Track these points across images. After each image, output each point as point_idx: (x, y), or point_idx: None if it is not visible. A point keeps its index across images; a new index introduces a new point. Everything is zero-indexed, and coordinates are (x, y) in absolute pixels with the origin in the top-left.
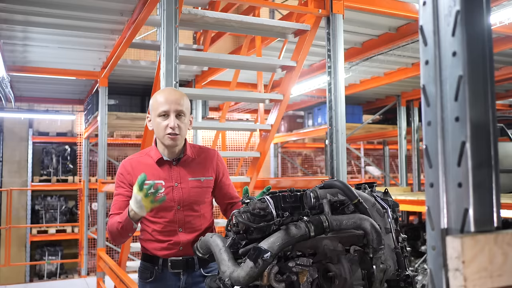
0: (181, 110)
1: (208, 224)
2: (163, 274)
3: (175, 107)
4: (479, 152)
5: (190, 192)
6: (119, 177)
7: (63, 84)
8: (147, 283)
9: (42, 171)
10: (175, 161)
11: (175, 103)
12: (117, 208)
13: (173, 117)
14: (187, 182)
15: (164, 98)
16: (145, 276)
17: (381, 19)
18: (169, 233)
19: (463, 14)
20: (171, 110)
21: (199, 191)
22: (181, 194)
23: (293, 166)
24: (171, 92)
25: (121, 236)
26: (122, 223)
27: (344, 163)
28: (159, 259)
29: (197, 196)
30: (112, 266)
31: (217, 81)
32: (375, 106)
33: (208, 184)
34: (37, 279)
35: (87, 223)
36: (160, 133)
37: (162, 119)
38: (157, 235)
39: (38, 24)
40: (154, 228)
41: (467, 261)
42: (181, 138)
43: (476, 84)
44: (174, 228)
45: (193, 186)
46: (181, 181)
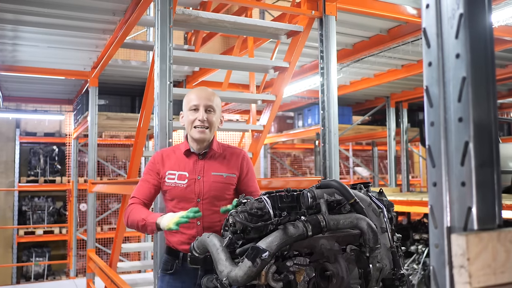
0: (211, 105)
1: None
2: (183, 268)
3: (205, 102)
4: (482, 151)
5: (211, 186)
6: (150, 165)
7: (52, 84)
8: (167, 274)
9: (30, 171)
10: (201, 155)
11: (205, 99)
12: (140, 193)
13: (202, 111)
14: (210, 176)
15: (195, 94)
16: (166, 268)
17: (372, 21)
18: (189, 225)
19: (467, 17)
20: (200, 105)
21: (220, 186)
22: (202, 187)
23: (282, 167)
24: (203, 89)
25: (136, 229)
26: (146, 222)
27: (336, 163)
28: (180, 253)
29: (217, 191)
30: (103, 267)
31: (208, 82)
32: (364, 107)
33: (230, 180)
34: (24, 280)
35: (75, 224)
36: (189, 126)
37: (192, 113)
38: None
39: (29, 23)
40: None
41: (472, 258)
42: (209, 133)
43: (479, 85)
44: (192, 220)
45: (215, 180)
46: (204, 175)
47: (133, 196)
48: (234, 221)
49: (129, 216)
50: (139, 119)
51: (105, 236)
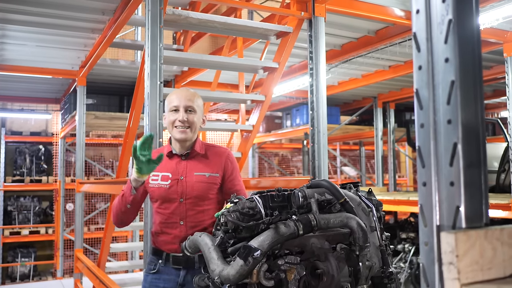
0: (191, 106)
1: (212, 221)
2: (166, 268)
3: (185, 103)
4: (470, 152)
5: (194, 186)
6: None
7: (39, 83)
8: (150, 274)
9: (15, 171)
10: (184, 156)
11: (185, 99)
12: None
13: (182, 111)
14: (192, 176)
15: (176, 95)
16: (150, 268)
17: (360, 22)
18: (172, 225)
19: (455, 23)
20: (181, 105)
21: (203, 185)
22: (185, 187)
23: (270, 167)
24: (183, 90)
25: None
26: (123, 190)
27: (325, 163)
28: (163, 253)
29: (200, 191)
30: (91, 267)
31: (196, 81)
32: (352, 108)
33: (213, 180)
34: (9, 281)
35: (63, 224)
36: (170, 126)
37: (173, 114)
38: (163, 227)
39: (17, 22)
40: (160, 219)
41: (460, 255)
42: (191, 133)
43: (467, 88)
44: (176, 221)
45: (198, 180)
46: (187, 175)
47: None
48: (225, 220)
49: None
50: (128, 119)
51: (92, 236)
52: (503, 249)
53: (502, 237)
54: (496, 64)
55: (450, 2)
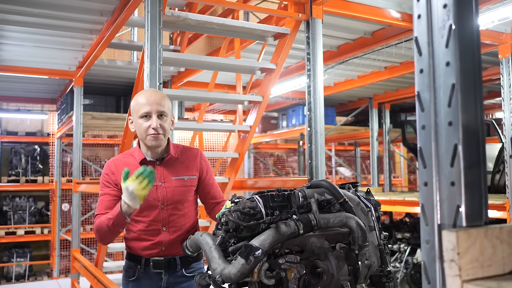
0: (163, 111)
1: (192, 223)
2: (146, 273)
3: (157, 108)
4: (471, 153)
5: (174, 191)
6: (104, 177)
7: (35, 83)
8: (130, 281)
9: (11, 171)
10: (159, 161)
11: (156, 104)
12: (103, 208)
13: (155, 118)
14: (171, 182)
15: (146, 100)
16: (128, 275)
17: (357, 24)
18: (153, 232)
19: (456, 28)
20: (152, 111)
21: (182, 190)
22: (165, 193)
23: (265, 167)
24: (152, 93)
25: (111, 233)
26: (112, 219)
27: (322, 163)
28: (142, 259)
29: (180, 195)
30: (89, 267)
31: (193, 82)
32: (347, 108)
33: (191, 183)
34: (4, 281)
35: (59, 224)
36: (142, 134)
37: (144, 120)
38: (142, 235)
39: (15, 22)
40: (139, 227)
41: (462, 252)
42: (164, 138)
43: (467, 91)
44: (157, 227)
45: (177, 185)
46: (165, 181)
47: (97, 213)
48: (226, 220)
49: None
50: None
51: (88, 236)
52: (502, 247)
53: (502, 236)
54: (491, 65)
55: (451, 7)
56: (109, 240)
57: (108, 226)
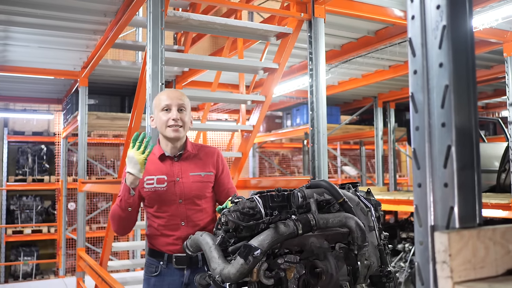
0: (183, 104)
1: (210, 219)
2: (168, 269)
3: (177, 102)
4: (463, 155)
5: (192, 186)
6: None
7: (41, 84)
8: (152, 277)
9: (18, 170)
10: (177, 157)
11: (176, 98)
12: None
13: (175, 110)
14: (188, 177)
15: (166, 95)
16: (151, 271)
17: (360, 23)
18: (173, 227)
19: (449, 29)
20: (173, 104)
21: (200, 185)
22: (183, 188)
23: (270, 166)
24: (172, 90)
25: (123, 214)
26: (120, 196)
27: (325, 163)
28: (165, 255)
29: (198, 190)
30: (94, 266)
31: (197, 82)
32: (352, 107)
33: (208, 179)
34: (12, 280)
35: (65, 223)
36: (162, 126)
37: (164, 113)
38: (162, 230)
39: (20, 24)
40: (159, 222)
41: (453, 254)
42: (183, 132)
43: (460, 92)
44: (177, 222)
45: (194, 180)
46: (182, 176)
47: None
48: (226, 220)
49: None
50: (130, 119)
51: (94, 235)
52: (495, 249)
53: (495, 237)
54: (497, 63)
55: (444, 8)
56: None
57: (117, 206)
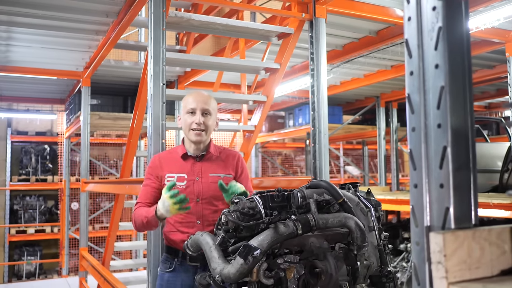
0: (207, 109)
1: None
2: (182, 266)
3: (202, 106)
4: (459, 156)
5: (210, 186)
6: (149, 170)
7: (44, 84)
8: (166, 272)
9: (21, 170)
10: (199, 158)
11: (202, 103)
12: (143, 198)
13: (199, 114)
14: (208, 177)
15: (193, 98)
16: (166, 266)
17: (362, 23)
18: (188, 224)
19: (445, 30)
20: (197, 108)
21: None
22: (201, 188)
23: (273, 166)
24: (200, 93)
25: (145, 228)
26: (148, 218)
27: (326, 163)
28: (179, 252)
29: (215, 191)
30: (96, 266)
31: (199, 82)
32: (354, 107)
33: (227, 180)
34: (15, 279)
35: (68, 223)
36: (186, 128)
37: (189, 116)
38: (179, 226)
39: (22, 24)
40: (175, 219)
41: (448, 254)
42: (206, 135)
43: (456, 94)
44: (192, 220)
45: (213, 181)
46: (202, 176)
47: (137, 202)
48: (226, 220)
49: (135, 221)
50: (132, 119)
51: (97, 235)
52: (491, 249)
53: (490, 238)
54: (499, 63)
55: (440, 10)
56: (143, 231)
57: (143, 222)
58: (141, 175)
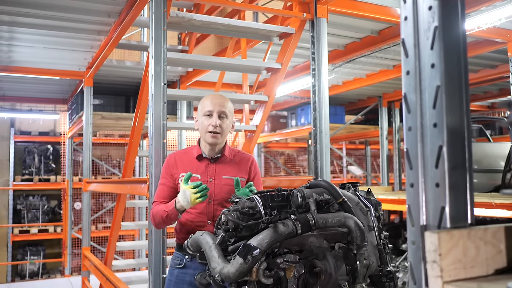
0: (224, 112)
1: None
2: (192, 263)
3: (219, 109)
4: (455, 155)
5: (222, 188)
6: (164, 169)
7: (47, 84)
8: (176, 268)
9: (24, 170)
10: (213, 160)
11: (219, 105)
12: (159, 197)
13: (215, 117)
14: (221, 179)
15: (210, 100)
16: (175, 263)
17: (363, 23)
18: (199, 224)
19: (441, 30)
20: (214, 111)
21: (230, 188)
22: (214, 189)
23: (276, 166)
24: (217, 96)
25: (165, 223)
26: (167, 212)
27: (328, 163)
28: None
29: (228, 193)
30: (98, 265)
31: (202, 82)
32: (357, 107)
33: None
34: (19, 279)
35: (71, 223)
36: (203, 130)
37: (206, 119)
38: (190, 226)
39: (25, 24)
40: (187, 218)
41: (443, 254)
42: (221, 138)
43: (452, 93)
44: (203, 220)
45: (226, 183)
46: (216, 178)
47: (154, 201)
48: (226, 220)
49: (154, 218)
50: (133, 119)
51: (100, 234)
52: (486, 248)
53: (486, 237)
54: (501, 63)
55: (436, 9)
56: (161, 227)
57: (162, 217)
58: (143, 175)
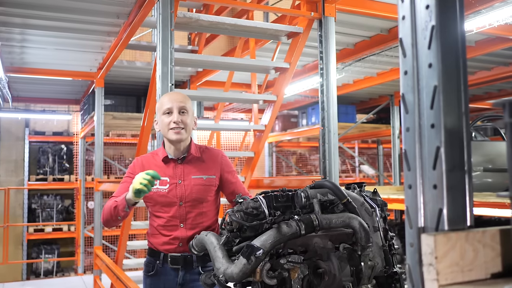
0: (184, 107)
1: (210, 222)
2: (163, 269)
3: (178, 104)
4: (453, 156)
5: (193, 189)
6: (130, 169)
7: (60, 85)
8: (149, 276)
9: (39, 170)
10: (180, 160)
11: (177, 101)
12: (119, 192)
13: (176, 113)
14: (190, 180)
15: (168, 98)
16: (148, 270)
17: (372, 21)
18: (171, 228)
19: (438, 29)
20: (174, 107)
21: (201, 188)
22: (184, 191)
23: (287, 165)
24: (174, 93)
25: (111, 216)
26: (117, 202)
27: (336, 163)
28: (161, 254)
29: (199, 193)
30: (109, 264)
31: (211, 81)
32: (368, 106)
33: (210, 182)
34: (33, 277)
35: (83, 222)
36: (165, 129)
37: (166, 117)
38: (161, 230)
39: (36, 26)
40: (158, 222)
41: (440, 256)
42: (185, 134)
43: (450, 93)
44: (175, 223)
45: (196, 183)
46: (185, 179)
47: (111, 196)
48: (230, 220)
49: (103, 211)
50: (143, 119)
51: (112, 233)
52: (484, 251)
53: (484, 239)
54: None
55: (433, 8)
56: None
57: (111, 207)
58: None
